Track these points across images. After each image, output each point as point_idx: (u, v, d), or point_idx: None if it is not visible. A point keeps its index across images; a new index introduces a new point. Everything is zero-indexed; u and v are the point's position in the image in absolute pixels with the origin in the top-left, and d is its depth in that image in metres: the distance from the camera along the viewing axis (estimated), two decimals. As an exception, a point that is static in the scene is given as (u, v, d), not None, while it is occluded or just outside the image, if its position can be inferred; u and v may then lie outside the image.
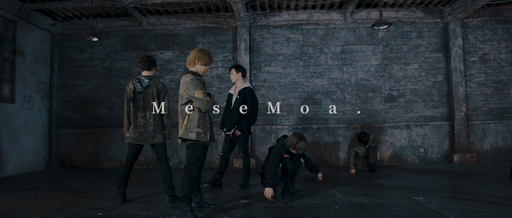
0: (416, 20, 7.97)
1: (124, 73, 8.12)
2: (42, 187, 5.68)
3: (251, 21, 7.93)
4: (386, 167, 7.38)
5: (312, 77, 7.96)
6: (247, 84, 5.36)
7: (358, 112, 7.84)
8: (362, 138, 6.54)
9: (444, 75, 7.94)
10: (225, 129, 5.34)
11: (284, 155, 4.34)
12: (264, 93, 7.97)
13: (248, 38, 7.88)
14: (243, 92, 5.26)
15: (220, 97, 7.92)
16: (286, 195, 4.57)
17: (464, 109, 7.70)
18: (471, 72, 7.93)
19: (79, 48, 8.21)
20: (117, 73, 8.10)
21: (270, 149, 4.53)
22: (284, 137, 4.49)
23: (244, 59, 7.82)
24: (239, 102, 5.24)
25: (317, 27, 8.03)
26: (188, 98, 3.54)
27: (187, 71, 3.72)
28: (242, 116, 5.18)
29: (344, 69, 7.96)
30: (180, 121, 3.61)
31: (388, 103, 7.92)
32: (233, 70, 5.36)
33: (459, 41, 7.78)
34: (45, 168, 7.91)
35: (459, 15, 7.56)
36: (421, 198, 4.34)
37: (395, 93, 7.93)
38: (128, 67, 8.12)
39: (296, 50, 8.01)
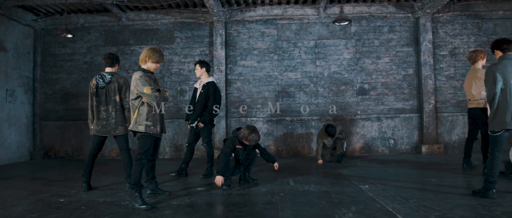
0: (388, 15, 8.17)
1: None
2: (20, 177, 6.02)
3: (227, 16, 8.16)
4: (356, 158, 7.66)
5: (286, 71, 8.21)
6: (211, 79, 5.63)
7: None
8: (329, 130, 6.81)
9: (415, 69, 8.17)
10: (189, 121, 5.63)
11: (237, 146, 4.63)
12: (240, 87, 8.23)
13: (224, 33, 8.12)
14: (207, 86, 5.54)
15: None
16: (242, 184, 4.86)
17: (433, 101, 7.94)
18: (441, 66, 8.15)
19: (61, 43, 8.49)
20: (98, 67, 8.38)
21: (225, 140, 4.83)
22: (238, 129, 4.77)
23: (220, 53, 8.08)
24: (202, 96, 5.52)
25: (291, 22, 8.26)
26: (138, 94, 3.82)
27: (139, 68, 4.02)
28: (205, 109, 5.47)
29: (317, 63, 8.21)
30: (132, 114, 3.91)
31: (360, 96, 8.17)
32: (197, 66, 5.63)
33: (429, 36, 7.99)
34: (29, 159, 8.26)
35: (428, 10, 7.76)
36: (367, 186, 4.62)
37: (366, 86, 8.17)
38: (108, 61, 8.38)
39: (271, 44, 8.25)
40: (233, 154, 4.62)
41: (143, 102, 3.85)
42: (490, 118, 3.95)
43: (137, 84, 3.80)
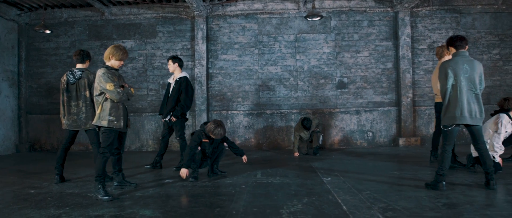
0: (367, 9, 8.25)
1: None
2: (0, 169, 6.20)
3: (208, 10, 8.25)
4: (335, 150, 7.82)
5: (266, 65, 8.33)
6: (184, 74, 5.77)
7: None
8: (304, 123, 6.96)
9: (393, 63, 8.27)
10: (163, 115, 5.79)
11: (203, 140, 4.79)
12: (221, 80, 8.37)
13: (205, 27, 8.23)
14: (179, 81, 5.68)
15: (179, 84, 8.33)
16: (211, 176, 5.03)
17: (410, 95, 8.07)
18: (419, 59, 8.25)
19: (45, 37, 8.61)
20: (82, 61, 8.50)
21: (192, 134, 4.98)
22: (205, 123, 4.92)
23: (201, 47, 8.19)
24: (175, 91, 5.66)
25: (271, 16, 8.35)
26: (101, 90, 3.97)
27: (103, 65, 4.16)
28: (177, 103, 5.62)
29: (297, 57, 8.32)
30: (96, 110, 4.06)
31: (339, 90, 8.29)
32: (170, 61, 5.76)
33: (408, 30, 8.08)
34: (15, 152, 8.45)
35: (407, 5, 7.84)
36: (329, 178, 4.78)
37: (346, 80, 8.29)
38: (92, 56, 8.48)
39: (251, 38, 8.36)
40: (199, 148, 4.77)
41: (106, 98, 4.00)
42: (442, 113, 4.09)
43: (100, 81, 3.95)
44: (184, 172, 4.57)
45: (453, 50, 4.18)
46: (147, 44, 8.44)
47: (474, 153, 4.92)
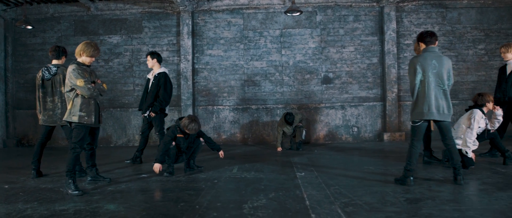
0: (353, 4, 8.24)
1: (75, 57, 8.53)
2: (-18, 164, 6.27)
3: (194, 6, 8.25)
4: (320, 145, 7.86)
5: (252, 60, 8.34)
6: (163, 70, 5.79)
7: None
8: (287, 118, 6.99)
9: (379, 58, 8.28)
10: (142, 111, 5.83)
11: (178, 135, 4.82)
12: (207, 76, 8.39)
13: (191, 22, 8.23)
14: (158, 77, 5.71)
15: (165, 79, 8.36)
16: (186, 171, 5.07)
17: (396, 90, 8.08)
18: (405, 54, 8.24)
19: (31, 33, 8.63)
20: (69, 57, 8.46)
21: (168, 129, 5.02)
22: (180, 119, 4.95)
23: (187, 43, 8.20)
24: (154, 86, 5.69)
25: (257, 11, 8.34)
26: (71, 86, 4.00)
27: (74, 61, 4.19)
28: (156, 99, 5.65)
29: (283, 52, 8.32)
30: (67, 105, 4.09)
31: (324, 85, 8.31)
32: (148, 57, 5.78)
33: (393, 25, 8.06)
34: (2, 147, 8.51)
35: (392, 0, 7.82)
36: (303, 173, 4.82)
37: (331, 75, 8.30)
38: (78, 51, 8.54)
39: (237, 34, 8.36)
40: (174, 143, 4.81)
41: (77, 94, 4.03)
42: (411, 108, 4.12)
43: (70, 77, 3.98)
44: (157, 167, 4.62)
45: (422, 45, 4.19)
46: (133, 40, 8.45)
47: (449, 148, 4.94)
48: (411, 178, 4.02)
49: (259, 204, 3.45)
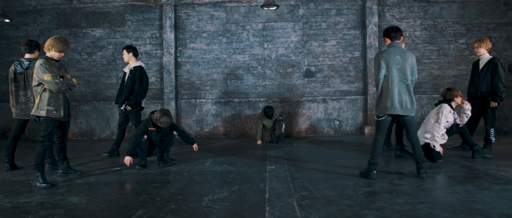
0: (336, -2, 8.25)
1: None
2: (-38, 156, 6.31)
3: (176, -1, 8.26)
4: (301, 138, 7.93)
5: (234, 54, 8.37)
6: (139, 64, 5.82)
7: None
8: (267, 112, 7.05)
9: (361, 52, 8.31)
10: (118, 104, 5.87)
11: (150, 128, 4.88)
12: (189, 69, 8.42)
13: (173, 16, 8.23)
14: (134, 71, 5.74)
15: (147, 73, 8.38)
16: (161, 164, 5.14)
17: (377, 84, 8.12)
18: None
19: (14, 25, 8.61)
20: (43, 51, 8.52)
21: (140, 122, 5.07)
22: (153, 112, 5.00)
23: (169, 36, 8.21)
24: (130, 80, 5.73)
25: (240, 4, 8.34)
26: (39, 80, 4.04)
27: (42, 56, 4.22)
28: (132, 92, 5.69)
29: (265, 46, 8.35)
30: (35, 100, 4.13)
31: (307, 79, 8.35)
32: (124, 51, 5.81)
33: (375, 19, 8.09)
34: (-14, 139, 8.57)
35: (373, -7, 7.84)
36: (274, 167, 4.89)
37: (313, 68, 8.34)
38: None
39: (220, 27, 8.37)
40: (146, 136, 4.86)
41: (45, 89, 4.07)
42: (375, 103, 4.17)
43: (37, 72, 4.01)
44: (128, 159, 4.68)
45: (388, 41, 4.23)
46: (116, 33, 8.46)
47: (421, 142, 5.01)
48: (375, 171, 4.10)
49: (219, 196, 3.52)
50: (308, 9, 8.30)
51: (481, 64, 5.71)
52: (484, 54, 5.70)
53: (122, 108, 5.78)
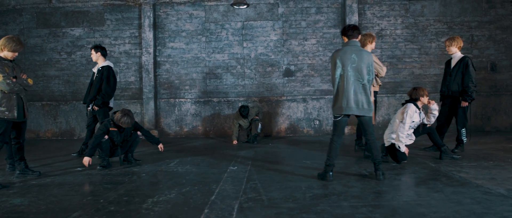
0: (316, -4, 8.16)
1: (37, 49, 8.54)
2: None
3: (155, -2, 8.20)
4: (281, 138, 7.86)
5: (213, 53, 8.31)
6: (107, 63, 5.78)
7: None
8: (241, 111, 6.99)
9: (341, 51, 8.20)
10: (86, 104, 5.84)
11: (111, 128, 4.83)
12: (169, 68, 8.37)
13: (152, 15, 8.18)
14: (101, 70, 5.70)
15: (126, 72, 8.37)
16: (125, 164, 5.10)
17: (357, 83, 8.02)
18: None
19: (-6, 25, 8.62)
20: (31, 49, 8.53)
21: (102, 122, 5.04)
22: (115, 112, 4.95)
23: (148, 35, 8.17)
24: (97, 80, 5.69)
25: (219, 3, 8.27)
26: (-8, 80, 4.01)
27: (-3, 56, 4.19)
28: (99, 92, 5.66)
29: (245, 45, 8.28)
30: (-12, 100, 4.10)
31: (286, 78, 8.28)
32: (92, 51, 5.77)
33: (355, 17, 7.99)
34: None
35: (353, -9, 7.73)
36: (235, 167, 4.83)
37: (293, 68, 8.26)
38: (41, 44, 8.53)
39: (199, 26, 8.31)
40: (106, 136, 4.82)
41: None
42: (332, 103, 4.10)
43: (-11, 72, 3.98)
44: (86, 160, 4.65)
45: (345, 39, 4.16)
46: (95, 32, 8.42)
47: (386, 143, 4.94)
48: (331, 173, 4.03)
49: (165, 198, 3.47)
50: (288, 7, 8.21)
51: (453, 63, 5.61)
52: (456, 53, 5.61)
53: (89, 108, 5.74)
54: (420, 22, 8.12)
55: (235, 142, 7.11)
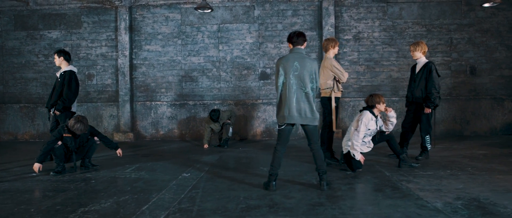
0: (292, -1, 8.08)
1: (15, 52, 8.60)
2: None
3: (131, 0, 8.18)
4: (255, 142, 7.81)
5: (189, 56, 8.28)
6: (69, 68, 5.77)
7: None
8: (212, 115, 6.95)
9: (318, 53, 8.13)
10: (48, 109, 5.84)
11: (65, 134, 4.83)
12: (145, 71, 8.36)
13: (128, 17, 8.18)
14: (63, 75, 5.69)
15: (103, 75, 8.37)
16: (83, 169, 5.09)
17: (333, 86, 7.92)
18: (344, 50, 8.08)
19: (-27, 28, 8.69)
20: (9, 52, 8.58)
21: (56, 128, 5.03)
22: (70, 118, 4.94)
23: (124, 38, 8.16)
24: (59, 84, 5.68)
25: (195, 6, 8.22)
26: None
27: None
28: (59, 97, 5.65)
29: (220, 48, 8.23)
30: None
31: (262, 81, 8.21)
32: (55, 55, 5.76)
33: (332, 20, 7.89)
34: None
35: (328, -6, 7.63)
36: (188, 174, 4.80)
37: (268, 71, 8.19)
38: (19, 46, 8.58)
39: (175, 29, 8.28)
40: (60, 142, 4.81)
41: None
42: (276, 111, 4.04)
43: None
44: (36, 166, 4.64)
45: (290, 46, 4.09)
46: (72, 35, 8.44)
47: (344, 150, 4.86)
48: (274, 182, 3.97)
49: (97, 207, 3.44)
50: (264, 10, 8.14)
51: (417, 69, 5.51)
52: (420, 58, 5.50)
53: (51, 112, 5.74)
54: (398, 24, 7.99)
55: (206, 145, 7.08)
